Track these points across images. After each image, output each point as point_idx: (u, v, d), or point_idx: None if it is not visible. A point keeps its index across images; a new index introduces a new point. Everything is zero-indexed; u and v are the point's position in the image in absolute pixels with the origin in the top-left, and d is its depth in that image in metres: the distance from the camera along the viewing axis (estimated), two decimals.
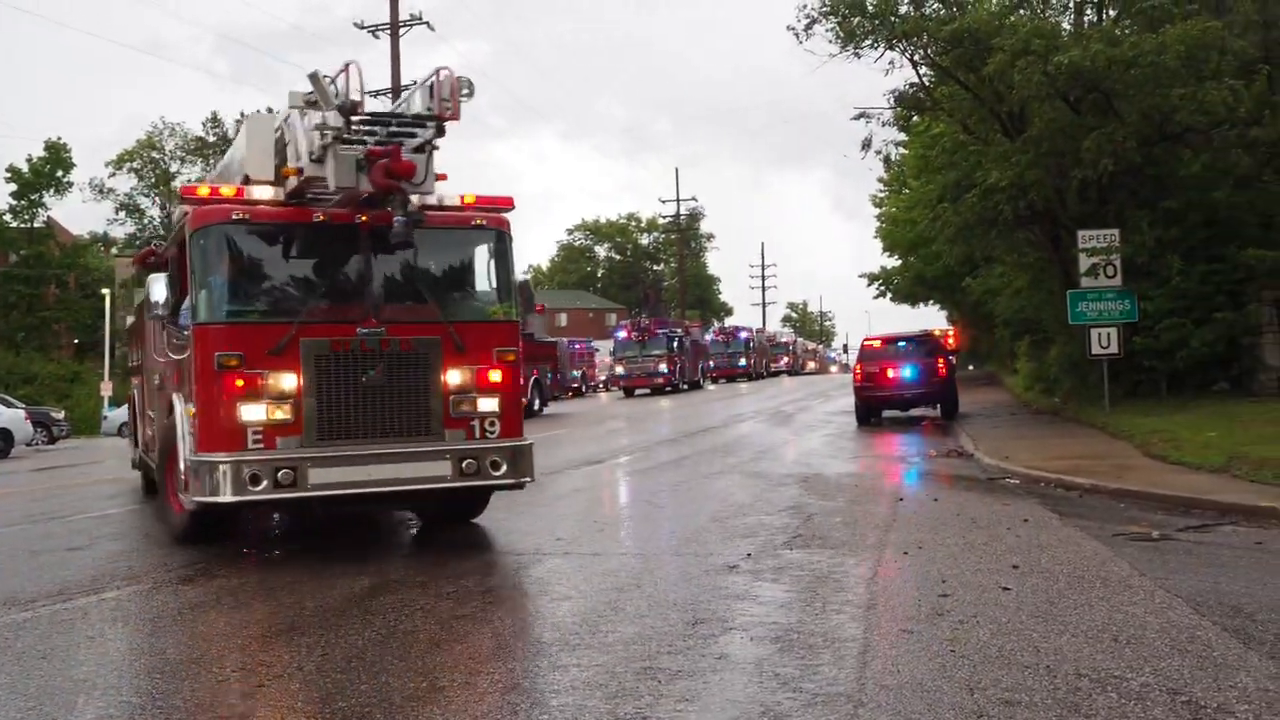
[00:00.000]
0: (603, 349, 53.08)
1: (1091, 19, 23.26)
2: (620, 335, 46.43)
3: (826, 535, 8.64)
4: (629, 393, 43.79)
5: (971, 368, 59.75)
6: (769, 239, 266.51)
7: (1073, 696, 4.37)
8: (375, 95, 29.76)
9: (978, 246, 26.08)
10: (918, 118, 27.38)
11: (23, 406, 29.19)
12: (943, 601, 6.10)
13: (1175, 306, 19.39)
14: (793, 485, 12.03)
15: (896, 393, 21.74)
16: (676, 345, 45.04)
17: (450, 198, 8.86)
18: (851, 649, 5.22)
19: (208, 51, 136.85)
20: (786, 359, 69.90)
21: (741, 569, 7.25)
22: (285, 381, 7.93)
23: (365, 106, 8.13)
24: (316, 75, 7.71)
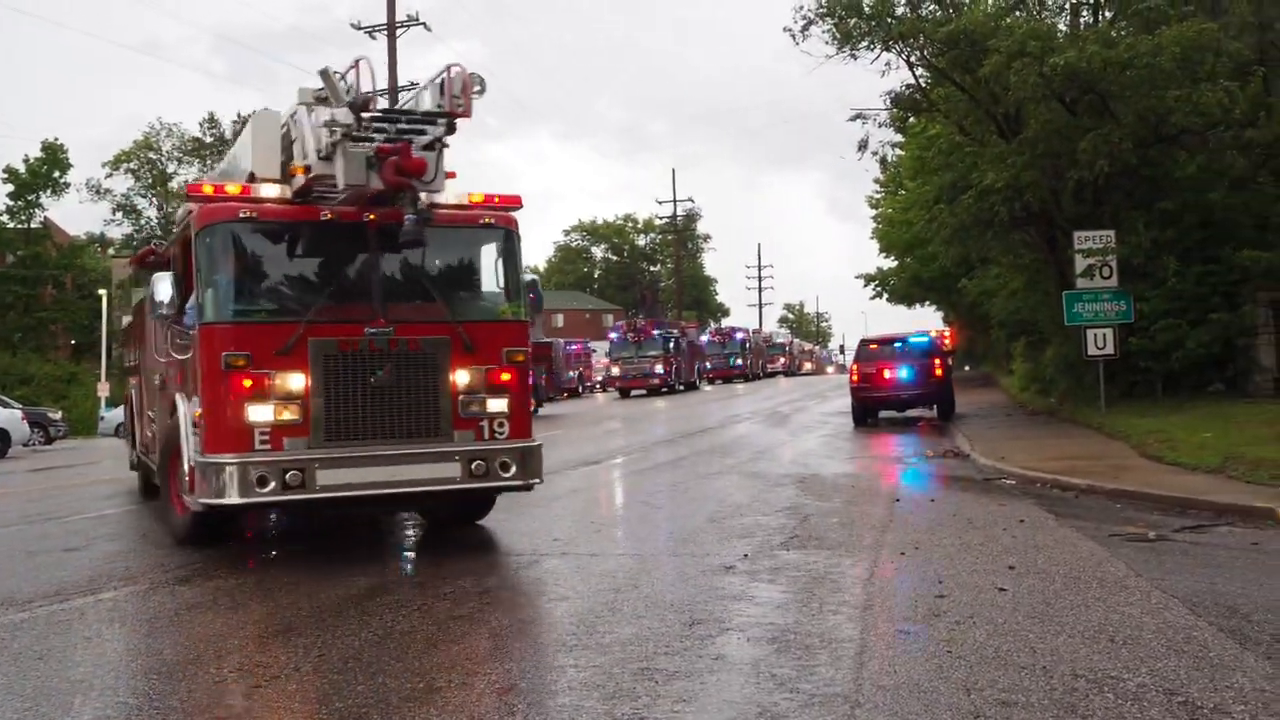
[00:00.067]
0: (599, 350, 53.02)
1: (1087, 20, 23.28)
2: (616, 336, 46.37)
3: (823, 536, 8.65)
4: (625, 393, 43.74)
5: (968, 368, 59.76)
6: (766, 240, 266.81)
7: (1069, 697, 4.38)
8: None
9: (974, 247, 26.11)
10: (914, 119, 27.42)
11: (20, 407, 29.11)
12: (939, 602, 6.11)
13: (1171, 307, 19.41)
14: (789, 486, 12.03)
15: (893, 394, 21.77)
16: (672, 346, 44.98)
17: (458, 196, 8.75)
18: (848, 650, 5.23)
19: (205, 52, 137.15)
20: (783, 360, 69.78)
21: (738, 570, 7.26)
22: (293, 382, 7.82)
23: (375, 103, 8.06)
24: (328, 71, 7.61)
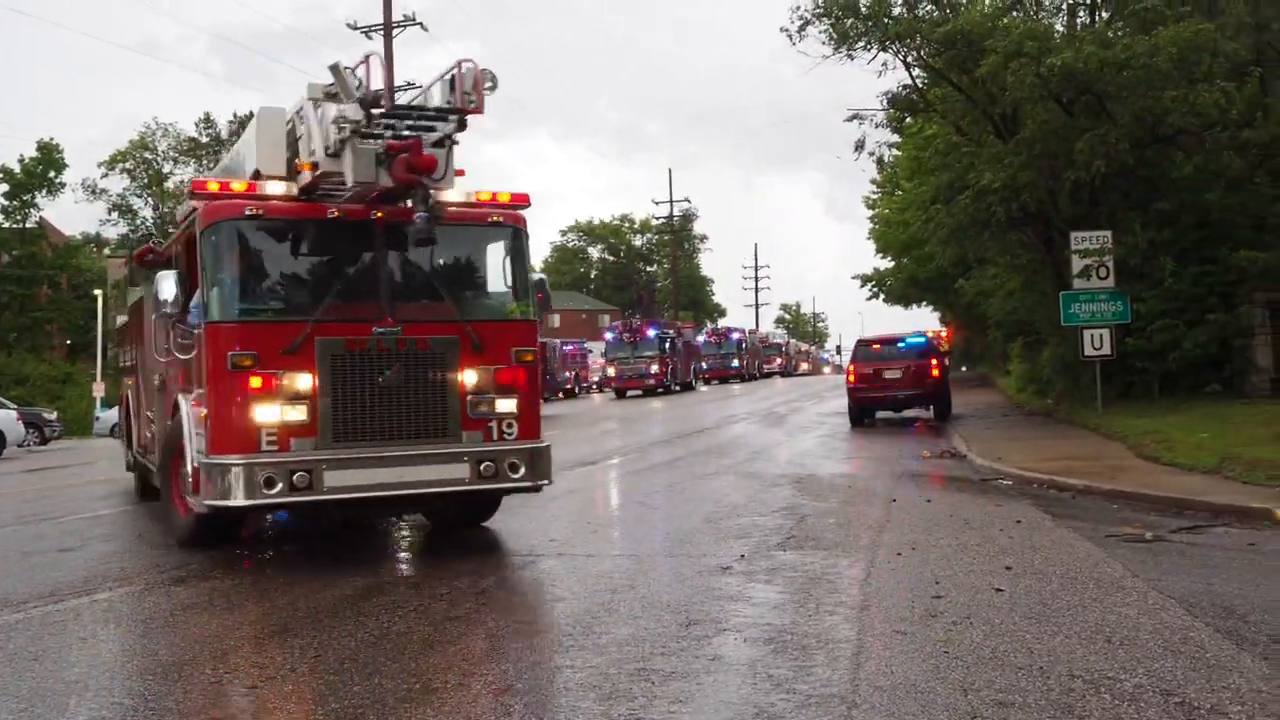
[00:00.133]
0: (595, 350, 52.97)
1: (1084, 21, 23.32)
2: (611, 336, 46.30)
3: (820, 536, 8.65)
4: (621, 394, 43.72)
5: (965, 369, 59.81)
6: (763, 240, 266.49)
7: (1066, 698, 4.37)
8: None
9: (970, 248, 26.10)
10: (911, 119, 27.43)
11: (15, 407, 29.05)
12: (936, 603, 6.11)
13: (1168, 308, 19.45)
14: (786, 486, 12.03)
15: (890, 394, 21.77)
16: (668, 346, 44.92)
17: (465, 194, 8.67)
18: (845, 650, 5.23)
19: (202, 52, 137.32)
20: (779, 360, 69.78)
21: (735, 570, 7.25)
22: (300, 382, 7.72)
23: (385, 100, 7.99)
24: (338, 67, 7.50)
